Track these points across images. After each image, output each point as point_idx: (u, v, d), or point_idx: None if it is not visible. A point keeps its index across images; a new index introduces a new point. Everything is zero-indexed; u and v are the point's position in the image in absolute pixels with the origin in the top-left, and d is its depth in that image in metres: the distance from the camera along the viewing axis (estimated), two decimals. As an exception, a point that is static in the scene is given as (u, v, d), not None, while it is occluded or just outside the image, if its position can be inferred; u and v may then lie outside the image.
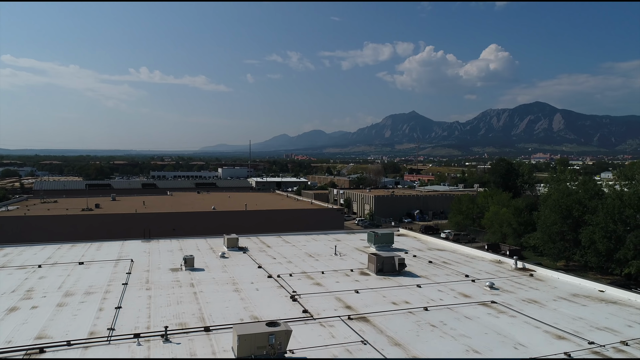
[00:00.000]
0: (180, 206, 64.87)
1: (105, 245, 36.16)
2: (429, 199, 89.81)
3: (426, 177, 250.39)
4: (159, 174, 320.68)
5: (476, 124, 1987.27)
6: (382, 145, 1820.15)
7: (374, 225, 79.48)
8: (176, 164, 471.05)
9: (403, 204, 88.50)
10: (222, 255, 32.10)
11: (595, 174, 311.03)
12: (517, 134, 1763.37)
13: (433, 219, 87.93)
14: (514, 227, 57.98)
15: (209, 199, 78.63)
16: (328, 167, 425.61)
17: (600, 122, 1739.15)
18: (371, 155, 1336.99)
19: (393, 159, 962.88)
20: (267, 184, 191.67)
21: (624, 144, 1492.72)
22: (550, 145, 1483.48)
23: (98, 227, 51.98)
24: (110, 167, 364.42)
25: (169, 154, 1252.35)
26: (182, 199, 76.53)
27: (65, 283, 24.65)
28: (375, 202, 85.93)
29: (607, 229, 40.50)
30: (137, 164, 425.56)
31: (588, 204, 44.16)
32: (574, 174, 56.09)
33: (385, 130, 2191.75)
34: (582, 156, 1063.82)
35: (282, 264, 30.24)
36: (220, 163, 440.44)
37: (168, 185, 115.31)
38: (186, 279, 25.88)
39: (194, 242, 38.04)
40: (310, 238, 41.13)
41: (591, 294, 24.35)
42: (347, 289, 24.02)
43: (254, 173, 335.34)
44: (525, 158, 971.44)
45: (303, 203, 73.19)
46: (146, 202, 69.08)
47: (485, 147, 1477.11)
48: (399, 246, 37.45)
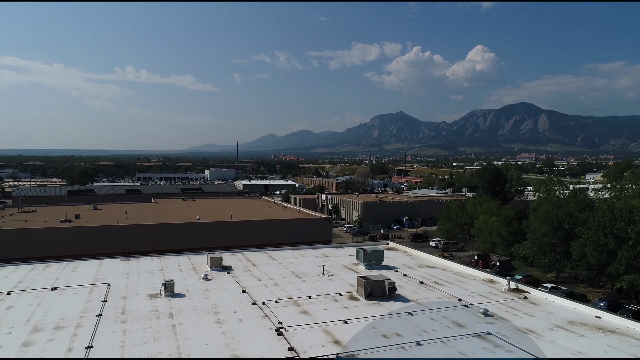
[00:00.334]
0: (164, 216, 63.07)
1: (82, 265, 34.44)
2: (417, 205, 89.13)
3: (414, 179, 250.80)
4: (144, 175, 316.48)
5: (463, 124, 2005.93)
6: (370, 145, 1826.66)
7: (362, 232, 78.50)
8: (163, 165, 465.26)
9: (392, 210, 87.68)
10: (204, 276, 30.68)
11: (580, 175, 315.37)
12: (503, 134, 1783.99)
13: (422, 225, 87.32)
14: (503, 236, 57.49)
15: (194, 206, 76.82)
16: (316, 168, 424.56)
17: (584, 123, 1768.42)
18: (359, 155, 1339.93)
19: (381, 159, 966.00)
20: (255, 187, 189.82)
21: (607, 144, 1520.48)
22: (536, 146, 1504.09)
23: (77, 242, 50.04)
24: (95, 169, 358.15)
25: (156, 155, 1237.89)
26: (166, 207, 74.63)
27: (35, 315, 23.03)
28: (363, 208, 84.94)
29: (598, 243, 40.00)
30: (122, 165, 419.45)
31: (579, 216, 43.68)
32: (563, 184, 55.70)
33: (373, 130, 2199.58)
34: (567, 156, 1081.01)
35: (267, 287, 28.94)
36: (207, 164, 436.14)
37: (153, 191, 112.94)
38: (165, 307, 24.42)
39: (175, 260, 36.51)
40: (298, 254, 39.87)
41: (588, 321, 23.53)
42: (335, 319, 22.82)
43: (242, 175, 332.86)
44: (511, 158, 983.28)
45: (290, 211, 71.86)
46: (129, 211, 67.08)
47: (472, 147, 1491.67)
48: (389, 263, 36.43)
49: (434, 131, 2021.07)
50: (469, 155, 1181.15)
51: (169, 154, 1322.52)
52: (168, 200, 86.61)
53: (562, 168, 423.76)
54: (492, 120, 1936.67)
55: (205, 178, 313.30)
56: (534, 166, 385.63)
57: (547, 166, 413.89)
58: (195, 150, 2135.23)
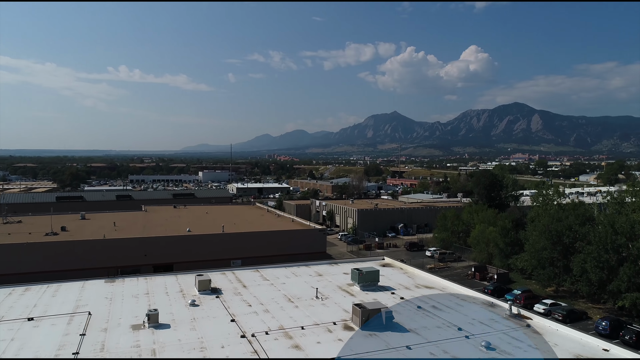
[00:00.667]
0: (153, 227, 61.37)
1: (64, 288, 32.78)
2: (412, 212, 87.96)
3: (409, 181, 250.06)
4: (137, 177, 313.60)
5: (457, 124, 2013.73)
6: (364, 145, 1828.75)
7: (357, 241, 77.19)
8: (156, 166, 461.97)
9: (387, 217, 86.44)
10: (192, 302, 29.15)
11: (574, 176, 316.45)
12: (496, 134, 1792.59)
13: (417, 232, 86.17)
14: (500, 247, 56.44)
15: (185, 215, 75.14)
16: (310, 170, 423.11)
17: (576, 123, 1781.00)
18: (354, 155, 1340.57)
19: (375, 159, 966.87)
20: (249, 190, 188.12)
21: (599, 144, 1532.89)
22: (529, 146, 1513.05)
23: (62, 257, 48.30)
24: (87, 171, 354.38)
25: (150, 155, 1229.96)
26: (157, 216, 72.88)
27: (6, 353, 21.44)
28: (358, 216, 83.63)
29: (599, 259, 38.94)
30: (115, 167, 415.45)
31: (579, 230, 42.64)
32: (559, 192, 54.63)
33: (368, 131, 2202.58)
34: (560, 156, 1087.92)
35: (258, 314, 27.50)
36: (201, 166, 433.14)
37: (144, 197, 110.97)
38: (148, 342, 22.91)
39: (162, 281, 34.91)
40: (291, 272, 38.47)
41: (596, 354, 22.36)
42: (329, 355, 21.46)
43: (235, 177, 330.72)
44: (504, 158, 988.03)
45: (284, 221, 70.39)
46: (118, 221, 65.29)
47: (465, 147, 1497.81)
48: (385, 282, 35.12)
49: (428, 131, 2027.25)
50: (463, 156, 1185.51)
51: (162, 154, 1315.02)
52: (159, 207, 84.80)
53: (556, 169, 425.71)
54: (485, 120, 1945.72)
55: (198, 180, 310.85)
56: (527, 167, 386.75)
57: (540, 167, 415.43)
58: (189, 151, 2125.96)
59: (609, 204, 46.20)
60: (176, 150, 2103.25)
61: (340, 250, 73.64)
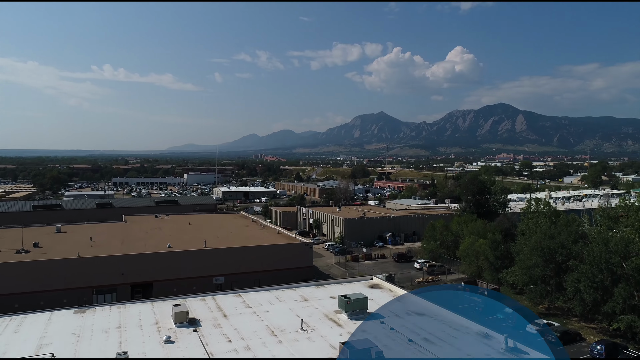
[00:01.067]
0: (133, 242, 58.79)
1: (28, 321, 30.30)
2: (400, 221, 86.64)
3: (396, 183, 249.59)
4: (121, 180, 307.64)
5: (443, 124, 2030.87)
6: (351, 145, 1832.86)
7: (344, 251, 75.49)
8: (140, 167, 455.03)
9: (374, 226, 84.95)
10: (167, 339, 26.97)
11: (558, 177, 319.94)
12: (482, 135, 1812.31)
13: (405, 241, 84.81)
14: (490, 260, 55.27)
15: (167, 226, 72.57)
16: (298, 171, 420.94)
17: (559, 123, 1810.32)
18: (341, 155, 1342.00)
19: (362, 159, 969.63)
20: (234, 195, 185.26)
21: (581, 144, 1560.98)
22: (514, 146, 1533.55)
23: (32, 279, 45.56)
24: (69, 173, 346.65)
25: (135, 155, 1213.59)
26: (137, 228, 70.17)
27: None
28: (345, 225, 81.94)
29: (593, 279, 37.84)
30: (98, 169, 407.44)
31: (572, 248, 41.54)
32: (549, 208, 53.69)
33: (355, 131, 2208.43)
34: (544, 156, 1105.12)
35: (238, 352, 25.53)
36: (186, 167, 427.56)
37: (125, 204, 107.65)
38: (115, 394, 20.79)
39: (137, 311, 32.61)
40: (274, 297, 36.50)
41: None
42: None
43: (221, 179, 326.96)
44: (490, 158, 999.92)
45: (269, 233, 68.29)
46: (96, 235, 62.50)
47: (451, 148, 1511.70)
48: (374, 306, 33.39)
49: (414, 131, 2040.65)
50: (449, 156, 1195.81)
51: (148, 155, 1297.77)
52: (140, 218, 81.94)
53: (541, 169, 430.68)
54: (471, 120, 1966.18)
55: (184, 182, 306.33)
56: (512, 168, 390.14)
57: (525, 168, 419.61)
58: (176, 150, 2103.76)
59: (601, 220, 45.23)
60: (162, 150, 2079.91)
61: (327, 262, 71.85)
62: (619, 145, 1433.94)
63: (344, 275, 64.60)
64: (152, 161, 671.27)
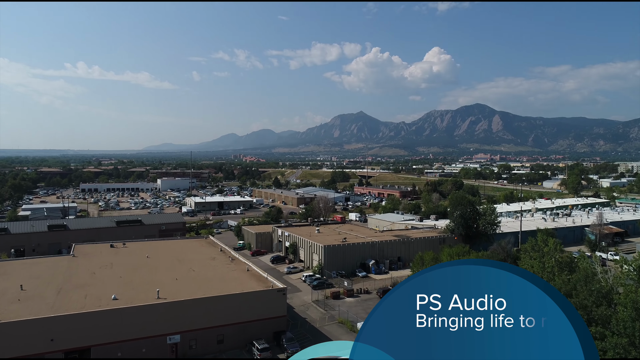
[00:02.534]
0: (72, 289, 49.62)
1: None
2: (384, 246, 79.57)
3: (376, 190, 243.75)
4: (90, 186, 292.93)
5: (421, 124, 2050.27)
6: (331, 145, 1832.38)
7: (323, 284, 67.90)
8: (113, 170, 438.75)
9: (356, 253, 77.53)
10: None
11: (537, 181, 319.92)
12: (459, 135, 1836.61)
13: (390, 268, 77.78)
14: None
15: (121, 261, 63.40)
16: (277, 174, 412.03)
17: (534, 124, 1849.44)
18: (320, 155, 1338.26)
19: (342, 159, 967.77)
20: (208, 205, 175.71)
21: (555, 144, 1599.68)
22: (490, 146, 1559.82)
23: None
24: (35, 178, 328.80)
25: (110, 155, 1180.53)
26: (84, 266, 60.82)
27: None
28: (324, 253, 74.30)
29: (626, 356, 31.21)
30: (68, 173, 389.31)
31: (595, 312, 35.00)
32: (558, 248, 47.37)
33: (334, 130, 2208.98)
34: (519, 156, 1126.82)
35: None
36: (161, 172, 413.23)
37: (82, 226, 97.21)
38: None
39: None
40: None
41: None
42: None
43: (197, 184, 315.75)
44: (467, 158, 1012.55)
45: (237, 270, 59.96)
46: (30, 279, 53.14)
47: (430, 147, 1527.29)
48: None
49: (393, 131, 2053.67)
50: (428, 156, 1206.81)
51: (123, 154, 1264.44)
52: (92, 248, 72.33)
53: (518, 171, 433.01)
54: (449, 120, 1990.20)
55: (157, 188, 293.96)
56: (492, 172, 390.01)
57: (505, 170, 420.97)
58: (152, 150, 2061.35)
59: (624, 275, 38.79)
60: (138, 150, 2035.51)
61: (304, 300, 64.08)
62: (590, 146, 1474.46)
63: (322, 318, 57.04)
64: (126, 162, 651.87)
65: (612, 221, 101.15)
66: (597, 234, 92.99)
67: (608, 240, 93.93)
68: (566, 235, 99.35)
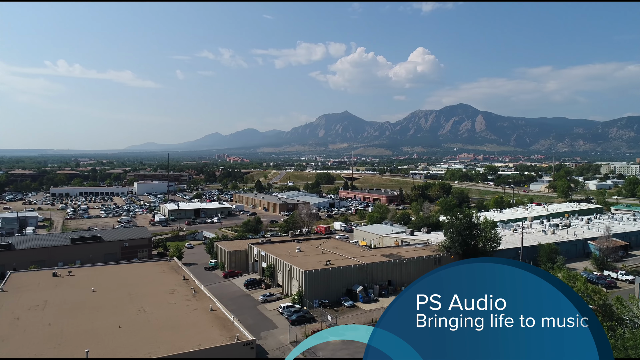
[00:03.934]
0: None
1: None
2: (373, 268, 70.26)
3: (362, 194, 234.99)
4: (61, 191, 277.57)
5: (406, 124, 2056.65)
6: (316, 144, 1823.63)
7: (303, 319, 58.25)
8: (90, 172, 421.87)
9: (342, 277, 67.98)
10: None
11: (523, 184, 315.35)
12: (443, 134, 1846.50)
13: (380, 295, 68.49)
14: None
15: (59, 297, 52.65)
16: (260, 176, 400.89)
17: (516, 124, 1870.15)
18: (305, 155, 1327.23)
19: (327, 159, 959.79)
20: (183, 213, 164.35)
21: (537, 144, 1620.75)
22: (474, 145, 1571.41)
23: None
24: (3, 182, 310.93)
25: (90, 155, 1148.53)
26: (12, 307, 50.12)
27: None
28: (305, 279, 64.60)
29: None
30: (40, 175, 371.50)
31: None
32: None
33: (319, 130, 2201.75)
34: (502, 156, 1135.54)
35: None
36: (139, 174, 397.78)
37: (30, 244, 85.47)
38: None
39: None
40: None
41: None
42: None
43: (175, 188, 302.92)
44: (451, 158, 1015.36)
45: (199, 311, 49.92)
46: None
47: (414, 147, 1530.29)
48: None
49: (378, 131, 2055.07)
50: (412, 156, 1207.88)
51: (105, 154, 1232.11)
52: (30, 277, 61.28)
53: (504, 172, 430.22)
54: (433, 120, 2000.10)
55: (133, 192, 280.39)
56: (478, 173, 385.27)
57: (490, 172, 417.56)
58: (135, 150, 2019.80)
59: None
60: (120, 150, 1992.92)
61: (280, 340, 54.23)
62: (571, 145, 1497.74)
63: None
64: (105, 163, 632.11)
65: (614, 233, 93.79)
66: (602, 248, 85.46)
67: (614, 255, 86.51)
68: (568, 249, 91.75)
